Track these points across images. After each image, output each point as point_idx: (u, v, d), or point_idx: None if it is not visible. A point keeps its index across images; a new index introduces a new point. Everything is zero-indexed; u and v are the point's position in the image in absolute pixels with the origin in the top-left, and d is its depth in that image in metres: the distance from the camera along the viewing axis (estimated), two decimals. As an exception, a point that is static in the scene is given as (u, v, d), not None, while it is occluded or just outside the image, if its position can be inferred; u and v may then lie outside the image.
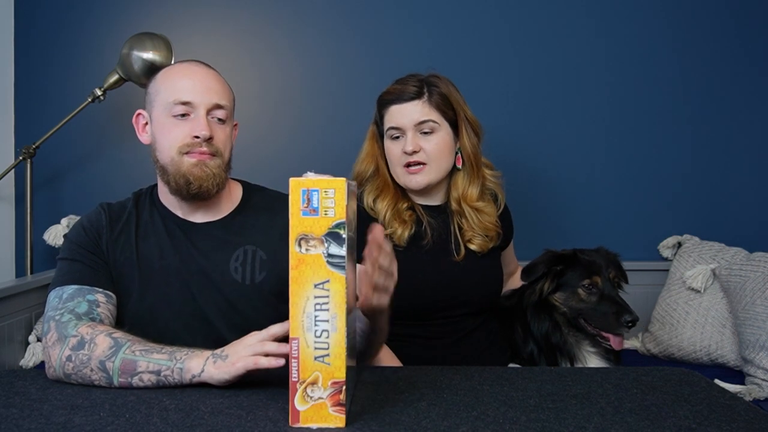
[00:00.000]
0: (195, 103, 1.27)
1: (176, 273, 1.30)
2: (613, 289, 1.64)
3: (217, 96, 1.30)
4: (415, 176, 1.60)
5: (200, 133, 1.26)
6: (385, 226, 1.59)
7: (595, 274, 1.64)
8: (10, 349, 1.93)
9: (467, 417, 0.96)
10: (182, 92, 1.27)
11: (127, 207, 1.37)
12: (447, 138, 1.61)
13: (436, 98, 1.59)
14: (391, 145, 1.62)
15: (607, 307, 1.60)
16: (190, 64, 1.34)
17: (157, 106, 1.30)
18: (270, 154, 2.40)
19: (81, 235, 1.31)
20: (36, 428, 0.91)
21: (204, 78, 1.30)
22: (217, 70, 1.37)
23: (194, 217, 1.35)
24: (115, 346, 1.09)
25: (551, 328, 1.66)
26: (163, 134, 1.29)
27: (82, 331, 1.12)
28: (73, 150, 2.40)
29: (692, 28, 2.43)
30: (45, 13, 2.39)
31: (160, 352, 1.08)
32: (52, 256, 2.31)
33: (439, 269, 1.60)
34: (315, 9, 2.42)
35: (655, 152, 2.43)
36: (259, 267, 1.32)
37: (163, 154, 1.30)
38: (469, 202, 1.65)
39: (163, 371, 1.06)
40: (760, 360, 1.81)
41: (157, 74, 1.35)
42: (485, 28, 2.42)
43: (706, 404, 1.03)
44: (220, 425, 0.90)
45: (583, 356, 1.64)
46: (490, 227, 1.66)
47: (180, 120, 1.27)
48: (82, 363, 1.09)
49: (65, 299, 1.20)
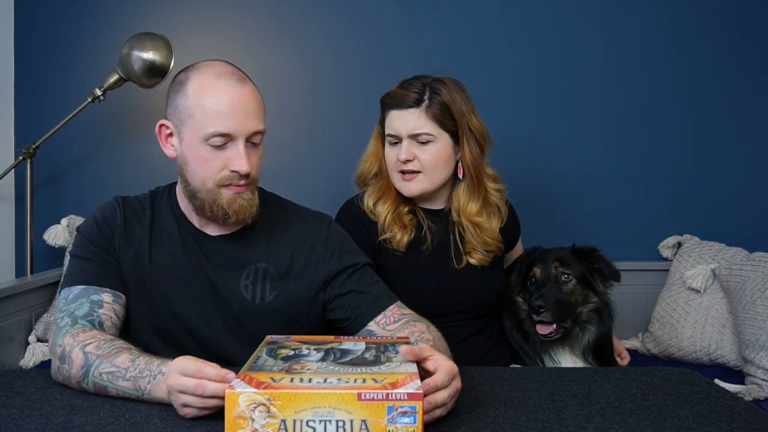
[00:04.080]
0: (234, 134, 1.19)
1: (187, 284, 1.27)
2: (554, 279, 1.61)
3: (256, 121, 1.21)
4: (408, 183, 1.58)
5: (240, 169, 1.19)
6: (384, 230, 1.57)
7: (535, 265, 1.64)
8: (10, 349, 1.93)
9: (467, 417, 0.96)
10: (221, 122, 1.17)
11: (144, 205, 1.33)
12: (444, 149, 1.57)
13: (435, 108, 1.54)
14: (389, 150, 1.60)
15: (532, 296, 1.60)
16: (226, 79, 1.21)
17: (190, 129, 1.21)
18: (271, 154, 2.40)
19: (94, 231, 1.28)
20: (36, 428, 0.91)
21: (243, 102, 1.20)
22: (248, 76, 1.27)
23: (209, 228, 1.30)
24: (85, 366, 1.06)
25: (512, 326, 1.66)
26: (198, 162, 1.21)
27: (65, 341, 1.11)
28: (73, 150, 2.40)
29: (692, 28, 2.42)
30: (45, 13, 2.39)
31: (125, 378, 1.02)
32: (52, 256, 2.32)
33: (438, 276, 1.59)
34: (316, 8, 2.42)
35: (655, 152, 2.43)
36: (270, 286, 1.29)
37: (196, 180, 1.23)
38: (467, 216, 1.61)
39: (132, 398, 1.02)
40: (760, 360, 1.81)
41: (186, 83, 1.22)
42: (487, 29, 2.42)
43: (706, 404, 1.03)
44: (220, 426, 0.90)
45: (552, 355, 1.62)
46: (490, 242, 1.62)
47: (217, 150, 1.19)
48: (65, 377, 1.09)
49: (70, 300, 1.20)
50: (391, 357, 0.96)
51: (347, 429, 0.81)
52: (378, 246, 1.58)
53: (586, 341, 1.62)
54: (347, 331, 1.30)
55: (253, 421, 0.81)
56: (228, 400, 0.81)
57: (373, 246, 1.57)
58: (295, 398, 0.81)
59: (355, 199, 1.65)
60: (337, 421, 0.81)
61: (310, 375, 0.87)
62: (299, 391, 0.81)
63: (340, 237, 1.37)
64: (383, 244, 1.57)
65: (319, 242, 1.33)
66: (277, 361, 0.94)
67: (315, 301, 1.32)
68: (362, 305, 1.29)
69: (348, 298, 1.30)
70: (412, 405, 0.81)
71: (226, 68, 1.24)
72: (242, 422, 0.81)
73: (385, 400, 0.81)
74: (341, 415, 0.81)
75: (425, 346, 0.98)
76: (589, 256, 1.67)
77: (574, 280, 1.63)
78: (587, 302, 1.64)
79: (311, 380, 0.85)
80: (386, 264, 1.58)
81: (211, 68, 1.23)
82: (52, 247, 2.22)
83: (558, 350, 1.63)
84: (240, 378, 0.85)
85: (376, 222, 1.58)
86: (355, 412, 0.81)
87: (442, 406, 0.92)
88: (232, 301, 1.27)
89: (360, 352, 0.99)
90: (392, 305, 1.30)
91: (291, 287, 1.30)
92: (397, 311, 1.29)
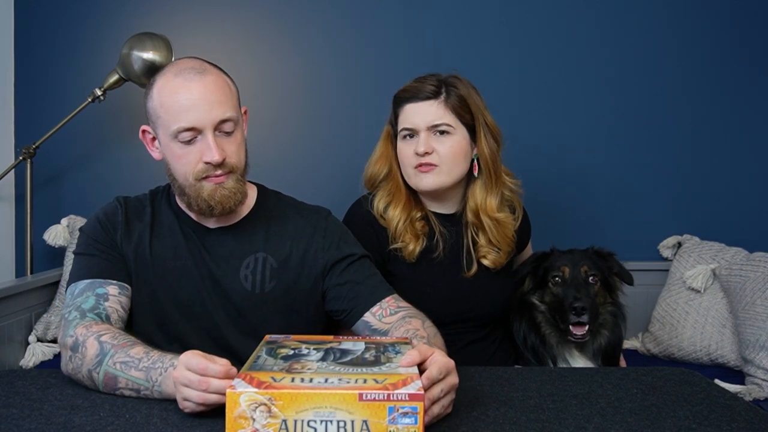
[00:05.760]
0: (199, 127, 1.20)
1: (188, 275, 1.29)
2: (584, 281, 1.60)
3: (221, 109, 1.21)
4: (426, 175, 1.53)
5: (211, 159, 1.21)
6: (396, 239, 1.54)
7: (563, 265, 1.62)
8: (10, 349, 1.93)
9: (467, 417, 0.96)
10: (184, 117, 1.19)
11: (144, 204, 1.35)
12: (462, 142, 1.54)
13: (454, 100, 1.52)
14: (404, 146, 1.56)
15: (564, 296, 1.58)
16: (185, 74, 1.22)
17: (161, 129, 1.24)
18: (271, 155, 2.40)
19: (96, 229, 1.30)
20: (36, 428, 0.91)
21: (203, 94, 1.20)
22: (211, 63, 1.28)
23: (208, 221, 1.32)
24: (101, 355, 1.07)
25: (528, 329, 1.64)
26: (175, 159, 1.24)
27: (77, 332, 1.13)
28: (73, 150, 2.40)
29: (692, 28, 2.43)
30: (45, 13, 2.39)
31: (138, 368, 1.03)
32: (52, 256, 2.32)
33: (448, 285, 1.56)
34: (316, 8, 2.42)
35: (656, 152, 2.43)
36: (269, 275, 1.31)
37: (179, 176, 1.25)
38: (488, 212, 1.57)
39: (142, 390, 1.03)
40: (760, 360, 1.81)
41: (152, 87, 1.25)
42: (489, 29, 2.42)
43: (706, 404, 1.03)
44: (220, 426, 0.90)
45: (566, 357, 1.61)
46: (508, 240, 1.60)
47: (188, 146, 1.21)
48: (76, 368, 1.10)
49: (76, 294, 1.22)
50: (391, 357, 0.96)
51: (348, 429, 0.81)
52: (388, 254, 1.55)
53: (598, 344, 1.61)
54: (345, 322, 1.32)
55: (254, 421, 0.81)
56: (229, 399, 0.81)
57: (383, 253, 1.54)
58: (296, 398, 0.81)
59: (364, 202, 1.60)
60: (338, 421, 0.81)
61: (311, 375, 0.87)
62: (300, 391, 0.81)
63: (339, 228, 1.39)
64: (393, 252, 1.55)
65: (318, 232, 1.35)
66: (277, 360, 0.94)
67: (314, 291, 1.34)
68: (359, 296, 1.30)
69: (345, 288, 1.32)
70: (414, 406, 0.81)
71: (187, 63, 1.25)
72: (243, 422, 0.81)
73: (386, 400, 0.81)
74: (342, 415, 0.81)
75: (423, 348, 0.97)
76: (608, 260, 1.67)
77: (599, 283, 1.63)
78: (604, 305, 1.64)
79: (312, 380, 0.85)
80: (395, 271, 1.55)
81: (173, 66, 1.26)
82: (52, 247, 2.22)
83: (573, 353, 1.62)
84: (241, 377, 0.86)
85: (387, 228, 1.55)
86: (357, 413, 0.81)
87: (437, 401, 0.92)
88: (232, 291, 1.29)
89: (360, 352, 0.99)
90: (389, 296, 1.31)
91: (290, 276, 1.32)
92: (393, 303, 1.30)
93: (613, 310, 1.64)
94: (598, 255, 1.67)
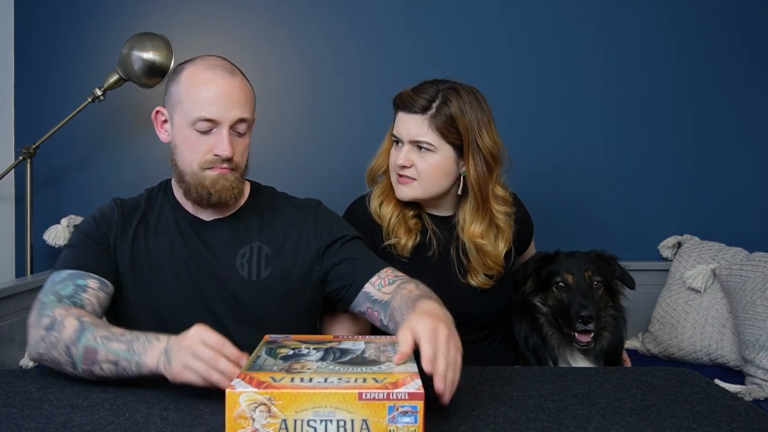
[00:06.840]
0: (219, 120, 1.26)
1: (186, 268, 1.33)
2: (588, 286, 1.59)
3: (241, 110, 1.28)
4: (403, 187, 1.53)
5: (222, 153, 1.27)
6: (389, 234, 1.54)
7: (567, 271, 1.61)
8: (10, 349, 1.93)
9: (467, 417, 0.96)
10: (207, 108, 1.26)
11: (140, 204, 1.39)
12: (444, 161, 1.50)
13: (440, 119, 1.47)
14: (393, 150, 1.57)
15: (570, 303, 1.57)
16: (216, 70, 1.29)
17: (180, 114, 1.29)
18: (271, 155, 2.40)
19: (91, 226, 1.34)
20: (36, 428, 0.91)
21: (230, 91, 1.28)
22: (239, 69, 1.34)
23: (204, 214, 1.37)
24: (80, 330, 1.10)
25: (529, 329, 1.63)
26: (185, 145, 1.30)
27: (56, 312, 1.14)
28: (73, 150, 2.40)
29: (692, 28, 2.43)
30: (45, 13, 2.39)
31: (119, 341, 1.07)
32: (52, 256, 2.32)
33: (444, 286, 1.50)
34: (316, 8, 2.42)
35: (655, 152, 2.43)
36: (264, 263, 1.35)
37: (183, 162, 1.31)
38: (470, 237, 1.54)
39: (121, 362, 1.06)
40: (760, 360, 1.81)
41: (180, 72, 1.32)
42: (489, 30, 2.42)
43: (706, 404, 1.03)
44: (220, 425, 0.90)
45: (567, 358, 1.60)
46: (492, 267, 1.55)
47: (202, 135, 1.27)
48: (51, 344, 1.11)
49: (56, 282, 1.23)
50: (391, 357, 0.96)
51: (348, 429, 0.81)
52: (383, 251, 1.55)
53: (600, 347, 1.61)
54: (345, 299, 1.35)
55: (253, 421, 0.81)
56: (229, 399, 0.81)
57: (378, 252, 1.53)
58: (296, 398, 0.81)
59: (360, 202, 1.63)
60: (338, 420, 0.81)
61: (311, 374, 0.87)
62: (300, 390, 0.81)
63: (329, 214, 1.45)
64: (388, 249, 1.55)
65: (309, 220, 1.40)
66: (276, 360, 0.95)
67: (309, 277, 1.37)
68: (357, 270, 1.34)
69: (343, 266, 1.36)
70: (413, 405, 0.81)
71: (218, 61, 1.33)
72: (243, 422, 0.81)
73: (386, 399, 0.81)
74: (342, 414, 0.81)
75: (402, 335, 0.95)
76: (611, 263, 1.66)
77: (603, 288, 1.62)
78: (606, 308, 1.64)
79: (312, 380, 0.85)
80: None
81: (205, 61, 1.33)
82: (52, 247, 2.23)
83: (575, 355, 1.61)
84: (240, 377, 0.86)
85: (381, 226, 1.56)
86: (356, 412, 0.81)
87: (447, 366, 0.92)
88: (229, 280, 1.33)
89: (359, 351, 0.99)
90: (386, 268, 1.35)
91: (285, 263, 1.35)
92: (391, 273, 1.34)
93: (614, 314, 1.64)
94: (601, 258, 1.66)
